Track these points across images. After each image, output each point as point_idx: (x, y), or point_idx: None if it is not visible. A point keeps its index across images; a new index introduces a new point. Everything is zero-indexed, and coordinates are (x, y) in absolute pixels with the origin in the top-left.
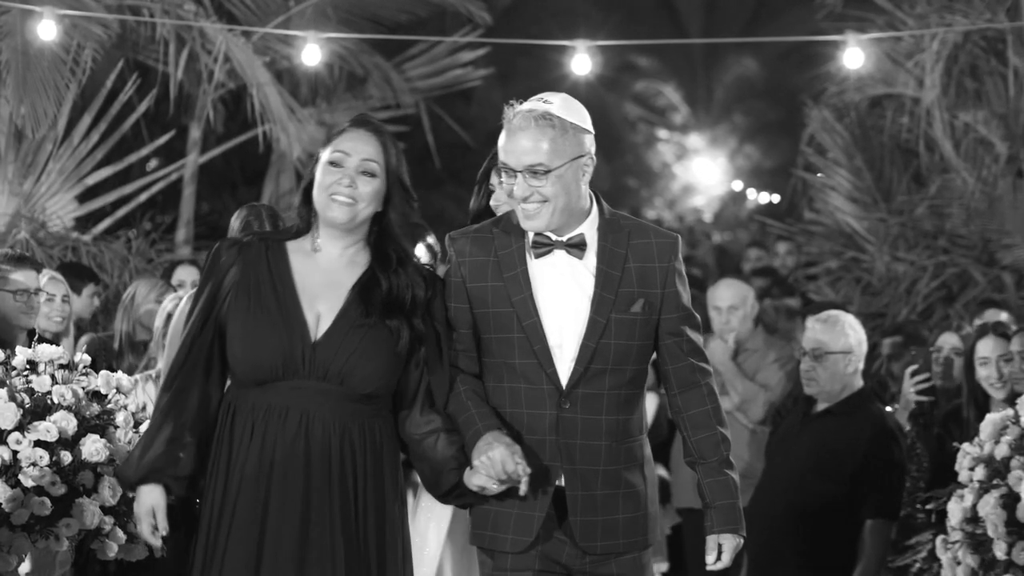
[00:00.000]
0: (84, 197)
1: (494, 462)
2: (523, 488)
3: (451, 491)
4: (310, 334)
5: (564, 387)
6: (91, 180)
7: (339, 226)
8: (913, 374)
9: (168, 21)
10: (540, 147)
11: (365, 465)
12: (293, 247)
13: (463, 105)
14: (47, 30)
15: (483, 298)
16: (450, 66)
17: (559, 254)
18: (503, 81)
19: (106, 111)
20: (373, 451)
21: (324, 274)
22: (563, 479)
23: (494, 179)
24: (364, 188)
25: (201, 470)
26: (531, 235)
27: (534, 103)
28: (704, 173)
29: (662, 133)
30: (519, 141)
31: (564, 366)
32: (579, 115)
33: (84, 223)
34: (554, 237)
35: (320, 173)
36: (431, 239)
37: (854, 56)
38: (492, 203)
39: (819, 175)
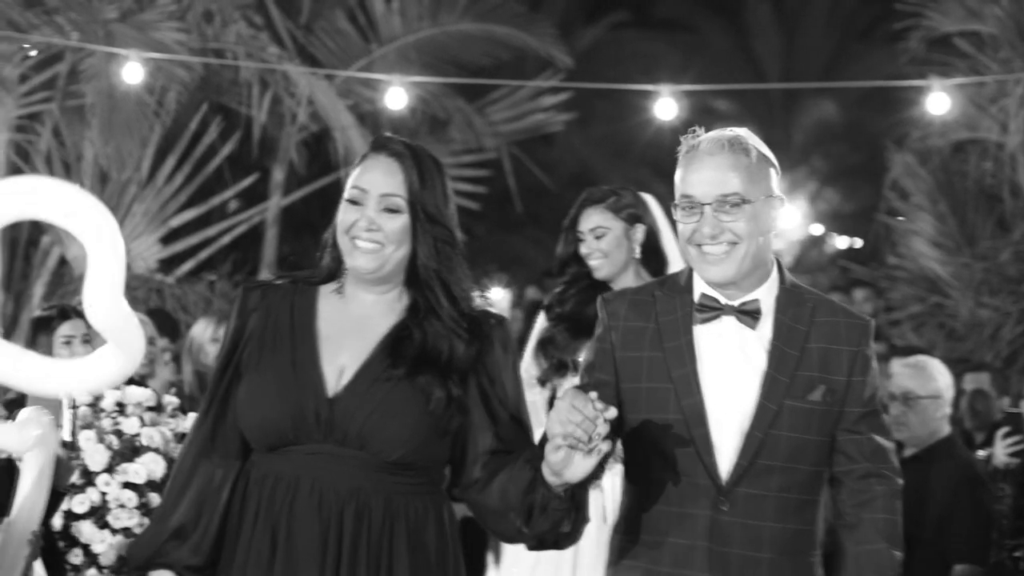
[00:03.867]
0: (168, 239)
1: (564, 403)
2: (596, 444)
3: (531, 496)
4: (326, 390)
5: (724, 484)
6: (175, 222)
7: (366, 275)
8: (1005, 436)
9: (252, 64)
10: (734, 176)
11: (392, 550)
12: (325, 290)
13: (544, 148)
14: (132, 73)
15: (636, 371)
16: (532, 110)
17: (728, 321)
18: (582, 125)
19: (190, 153)
20: (407, 533)
21: (355, 321)
22: None
23: (583, 226)
24: (389, 226)
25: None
26: (698, 296)
27: (719, 131)
28: (784, 217)
29: None
30: (708, 168)
31: (725, 458)
32: (767, 151)
33: (168, 265)
34: (724, 300)
35: (340, 211)
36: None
37: (939, 101)
38: (583, 251)
39: (901, 219)
